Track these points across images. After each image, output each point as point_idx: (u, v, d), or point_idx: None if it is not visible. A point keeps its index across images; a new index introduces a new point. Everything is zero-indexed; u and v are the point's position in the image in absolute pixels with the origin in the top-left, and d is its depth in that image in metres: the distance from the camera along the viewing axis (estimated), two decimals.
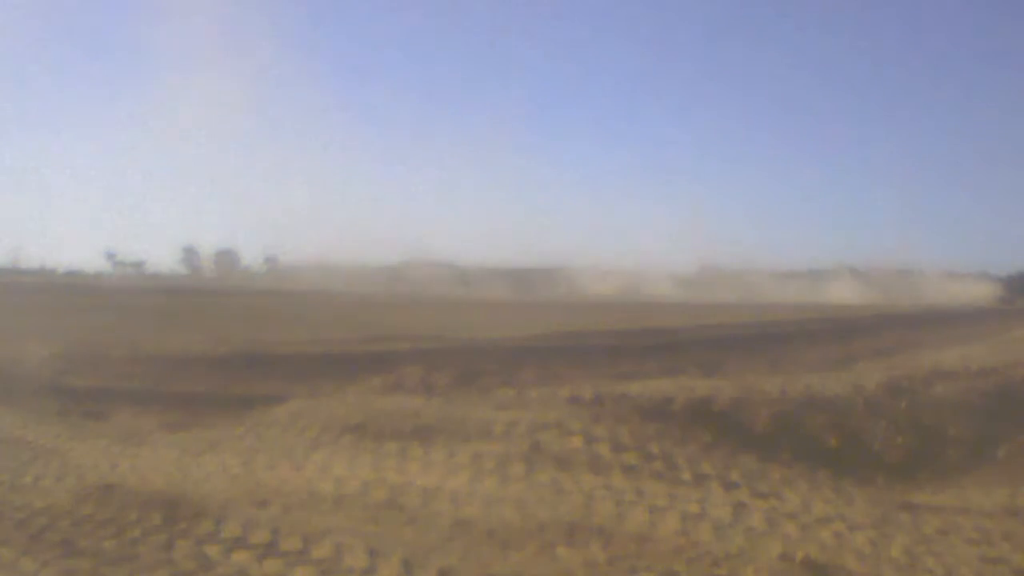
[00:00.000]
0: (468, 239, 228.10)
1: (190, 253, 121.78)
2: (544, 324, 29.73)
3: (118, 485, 7.83)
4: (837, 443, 10.42)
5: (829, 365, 20.44)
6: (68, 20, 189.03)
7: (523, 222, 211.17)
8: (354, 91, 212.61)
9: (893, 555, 6.20)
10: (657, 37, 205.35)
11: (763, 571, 5.80)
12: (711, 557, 6.07)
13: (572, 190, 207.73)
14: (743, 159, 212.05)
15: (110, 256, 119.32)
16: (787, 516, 6.96)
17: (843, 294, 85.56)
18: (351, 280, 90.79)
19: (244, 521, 6.69)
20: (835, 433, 10.62)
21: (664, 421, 10.01)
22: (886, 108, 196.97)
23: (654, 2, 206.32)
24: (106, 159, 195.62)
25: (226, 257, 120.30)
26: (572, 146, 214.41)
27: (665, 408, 10.47)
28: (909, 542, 6.51)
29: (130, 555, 6.14)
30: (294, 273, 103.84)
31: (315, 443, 9.45)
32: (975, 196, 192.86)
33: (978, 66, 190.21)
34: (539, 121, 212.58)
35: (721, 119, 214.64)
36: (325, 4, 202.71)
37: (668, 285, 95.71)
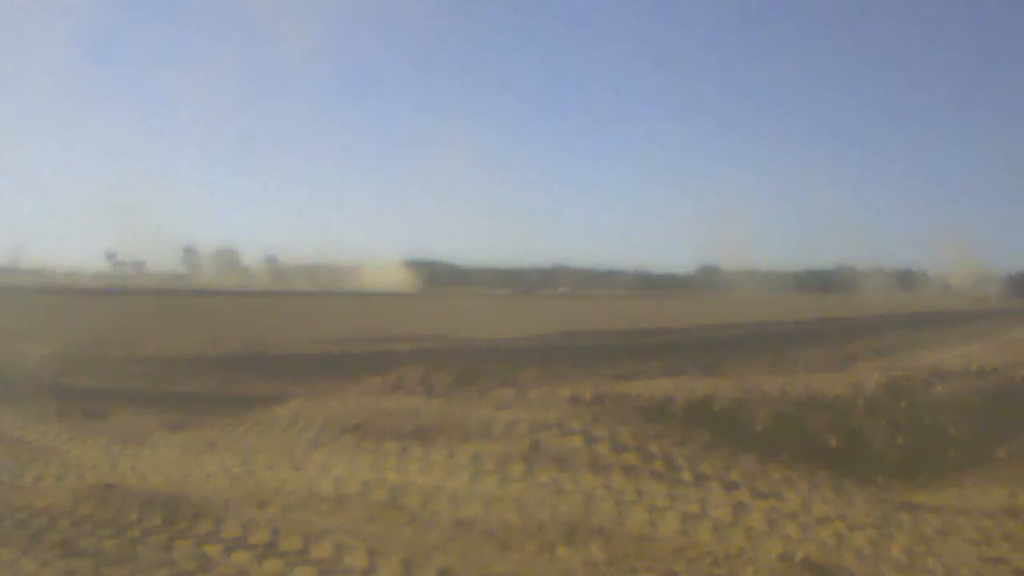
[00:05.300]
0: (468, 239, 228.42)
1: (190, 253, 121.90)
2: (544, 324, 29.72)
3: (118, 485, 7.82)
4: (837, 443, 10.41)
5: (829, 365, 20.43)
6: (68, 20, 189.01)
7: (522, 222, 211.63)
8: (353, 90, 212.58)
9: (893, 555, 6.20)
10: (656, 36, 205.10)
11: (763, 571, 5.80)
12: (711, 557, 6.07)
13: (571, 190, 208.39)
14: (741, 159, 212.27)
15: (110, 256, 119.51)
16: (787, 516, 6.95)
17: None
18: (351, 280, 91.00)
19: (244, 521, 6.69)
20: (835, 433, 10.61)
21: (664, 421, 10.00)
22: (885, 108, 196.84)
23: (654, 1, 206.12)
24: (106, 159, 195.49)
25: (226, 257, 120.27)
26: (572, 145, 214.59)
27: (665, 408, 10.46)
28: (909, 542, 6.51)
29: (130, 555, 6.14)
30: (294, 273, 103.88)
31: (315, 443, 9.45)
32: (975, 196, 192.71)
33: (978, 65, 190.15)
34: (538, 120, 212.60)
35: (720, 118, 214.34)
36: (325, 4, 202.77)
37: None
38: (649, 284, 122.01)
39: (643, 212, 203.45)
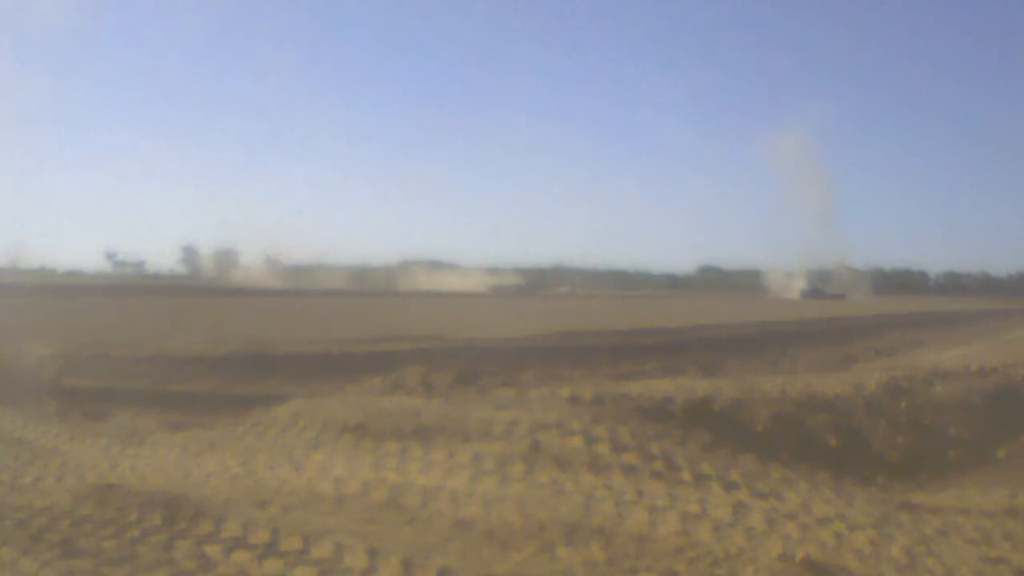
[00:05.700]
0: (469, 240, 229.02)
1: (190, 253, 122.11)
2: (544, 324, 29.72)
3: (118, 485, 7.82)
4: (837, 443, 10.41)
5: (829, 365, 20.45)
6: (68, 20, 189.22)
7: (522, 222, 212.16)
8: (353, 90, 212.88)
9: (893, 555, 6.20)
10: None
11: (763, 571, 5.80)
12: (711, 557, 6.07)
13: (571, 190, 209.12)
14: (740, 160, 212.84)
15: (110, 256, 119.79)
16: (787, 516, 6.95)
17: None
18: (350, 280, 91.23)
19: (244, 521, 6.69)
20: (835, 433, 10.61)
21: (664, 421, 10.00)
22: (885, 108, 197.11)
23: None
24: (106, 159, 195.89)
25: (226, 257, 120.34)
26: (572, 145, 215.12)
27: (665, 408, 10.46)
28: (909, 542, 6.51)
29: (130, 555, 6.14)
30: (294, 273, 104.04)
31: (315, 443, 9.45)
32: (974, 196, 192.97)
33: (978, 65, 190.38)
34: (538, 119, 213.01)
35: (719, 117, 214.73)
36: (325, 4, 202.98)
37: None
38: (649, 284, 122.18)
39: (643, 212, 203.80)
